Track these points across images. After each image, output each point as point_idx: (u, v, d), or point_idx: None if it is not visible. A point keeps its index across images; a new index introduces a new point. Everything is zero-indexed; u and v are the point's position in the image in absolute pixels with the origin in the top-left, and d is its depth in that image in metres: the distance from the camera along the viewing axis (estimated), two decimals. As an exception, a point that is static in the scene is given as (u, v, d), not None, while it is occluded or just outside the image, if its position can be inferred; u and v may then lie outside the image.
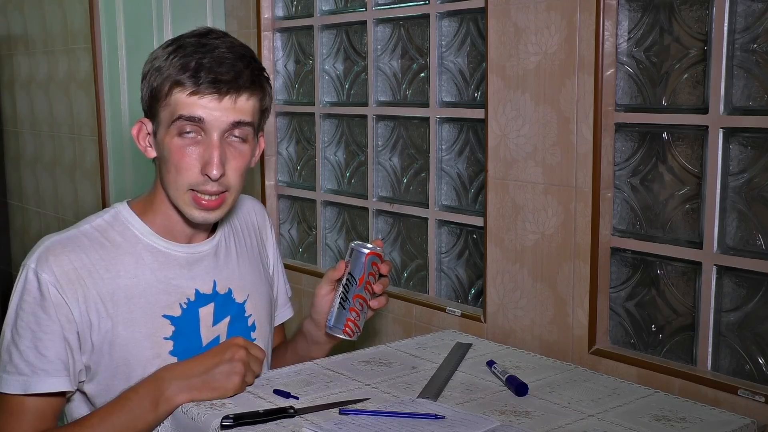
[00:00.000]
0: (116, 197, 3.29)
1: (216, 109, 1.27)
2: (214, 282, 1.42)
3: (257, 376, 1.34)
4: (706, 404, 1.33)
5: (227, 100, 1.27)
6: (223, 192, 1.31)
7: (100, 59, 3.34)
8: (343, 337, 1.44)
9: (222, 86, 1.26)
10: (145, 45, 3.08)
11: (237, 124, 1.29)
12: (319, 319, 1.48)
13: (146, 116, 1.34)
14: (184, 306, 1.38)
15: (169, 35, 2.95)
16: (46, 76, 3.80)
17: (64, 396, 1.33)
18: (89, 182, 3.53)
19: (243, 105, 1.29)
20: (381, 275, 1.48)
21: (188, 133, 1.28)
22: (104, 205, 3.32)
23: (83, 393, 1.35)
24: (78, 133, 3.60)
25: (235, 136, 1.30)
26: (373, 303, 1.46)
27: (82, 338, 1.30)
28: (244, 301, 1.46)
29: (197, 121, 1.27)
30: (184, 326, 1.37)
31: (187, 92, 1.26)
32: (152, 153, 1.35)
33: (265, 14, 2.41)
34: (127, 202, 1.42)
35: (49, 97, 3.79)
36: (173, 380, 1.27)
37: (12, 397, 1.28)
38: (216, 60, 1.27)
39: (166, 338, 1.35)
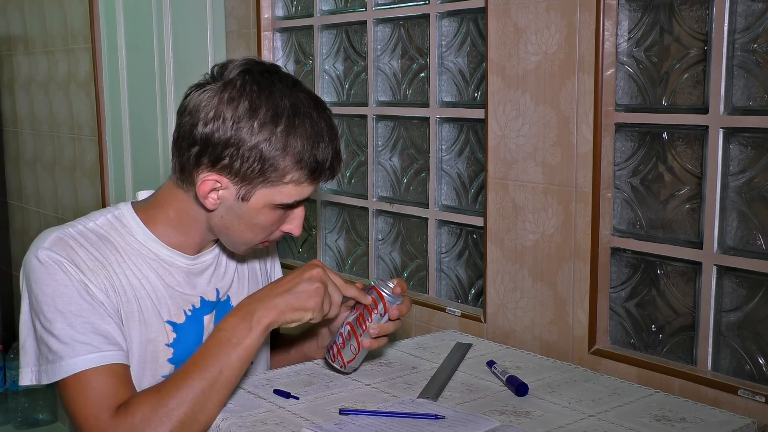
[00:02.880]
0: (116, 197, 3.29)
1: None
2: (217, 290, 1.42)
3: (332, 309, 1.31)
4: (706, 404, 1.33)
5: None
6: None
7: (100, 59, 3.34)
8: (328, 361, 1.39)
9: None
10: (145, 45, 3.08)
11: None
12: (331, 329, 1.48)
13: (213, 169, 1.24)
14: (189, 313, 1.37)
15: (169, 35, 2.95)
16: (46, 76, 3.80)
17: (125, 365, 1.27)
18: (89, 182, 3.53)
19: None
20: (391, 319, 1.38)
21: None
22: (104, 205, 3.32)
23: None
24: (78, 133, 3.60)
25: None
26: (364, 342, 1.36)
27: (114, 318, 1.27)
28: None
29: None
30: (187, 333, 1.36)
31: (307, 182, 1.26)
32: (214, 205, 1.28)
33: (265, 14, 2.41)
34: (132, 203, 1.38)
35: (49, 97, 3.79)
36: (258, 303, 1.26)
37: (77, 376, 1.22)
38: (336, 152, 1.28)
39: (167, 344, 1.34)
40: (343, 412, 1.23)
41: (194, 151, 1.24)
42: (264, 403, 1.28)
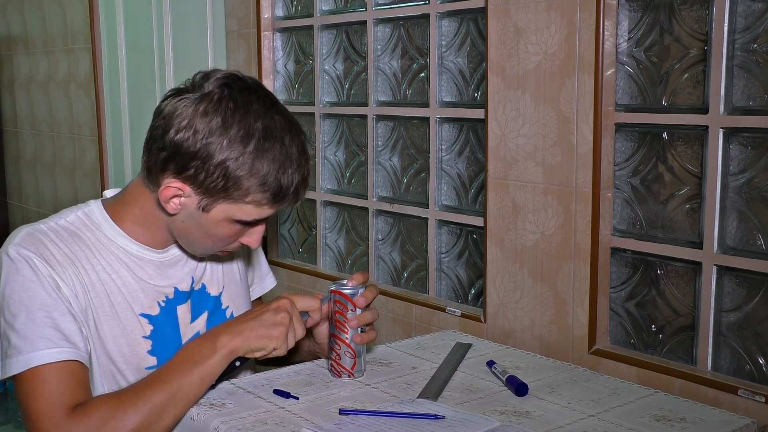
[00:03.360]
0: (116, 197, 3.29)
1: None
2: (192, 278, 1.42)
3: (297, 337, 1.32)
4: (706, 404, 1.33)
5: None
6: None
7: (100, 59, 3.35)
8: (339, 377, 1.40)
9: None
10: (145, 45, 3.09)
11: None
12: (320, 344, 1.49)
13: (178, 176, 1.25)
14: (163, 304, 1.38)
15: (169, 35, 2.95)
16: (46, 76, 3.80)
17: (83, 364, 1.27)
18: (89, 182, 3.53)
19: None
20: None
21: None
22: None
23: None
24: (78, 133, 3.60)
25: None
26: (354, 339, 1.36)
27: (81, 320, 1.28)
28: (220, 293, 1.46)
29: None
30: (163, 325, 1.37)
31: (268, 205, 1.27)
32: (175, 210, 1.29)
33: (265, 14, 2.41)
34: (101, 201, 1.40)
35: (49, 97, 3.79)
36: (226, 327, 1.28)
37: (31, 371, 1.23)
38: (303, 178, 1.28)
39: (144, 337, 1.35)
40: (342, 412, 1.23)
41: (162, 155, 1.25)
42: (264, 403, 1.28)
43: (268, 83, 2.43)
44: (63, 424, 1.19)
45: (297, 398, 1.29)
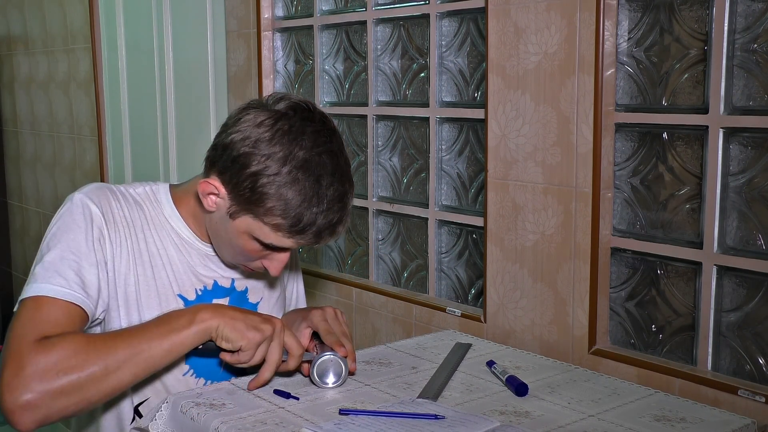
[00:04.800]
0: (116, 197, 3.29)
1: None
2: (233, 279, 1.45)
3: (277, 371, 1.32)
4: (706, 404, 1.33)
5: None
6: None
7: (100, 59, 3.35)
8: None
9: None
10: (145, 45, 3.09)
11: None
12: None
13: (219, 176, 1.29)
14: (200, 292, 1.42)
15: (169, 35, 2.95)
16: (46, 76, 3.80)
17: (87, 316, 1.30)
18: (89, 182, 3.52)
19: None
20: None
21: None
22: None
23: None
24: (78, 133, 3.60)
25: None
26: (341, 350, 1.36)
27: (110, 280, 1.33)
28: (258, 303, 1.50)
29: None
30: None
31: (286, 235, 1.28)
32: (210, 207, 1.33)
33: (265, 14, 2.41)
34: (169, 185, 1.46)
35: (49, 97, 3.79)
36: (212, 306, 1.30)
37: (38, 297, 1.26)
38: (330, 224, 1.27)
39: None
40: (342, 412, 1.23)
41: (214, 152, 1.31)
42: (264, 403, 1.28)
43: (268, 83, 2.43)
44: (27, 351, 1.20)
45: (297, 398, 1.29)
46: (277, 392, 1.31)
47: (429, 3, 1.96)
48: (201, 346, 1.29)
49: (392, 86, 2.12)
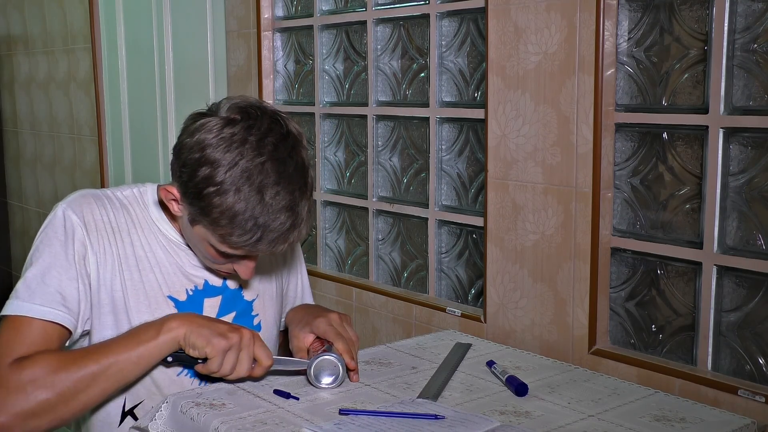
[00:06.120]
0: (116, 197, 3.29)
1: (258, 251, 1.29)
2: (224, 279, 1.44)
3: (241, 377, 1.32)
4: (706, 404, 1.33)
5: None
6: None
7: (100, 59, 3.34)
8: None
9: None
10: (145, 45, 3.08)
11: None
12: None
13: (175, 182, 1.29)
14: (191, 293, 1.41)
15: (169, 35, 2.95)
16: (46, 76, 3.80)
17: (68, 331, 1.32)
18: (89, 182, 3.53)
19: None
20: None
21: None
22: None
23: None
24: (78, 133, 3.60)
25: None
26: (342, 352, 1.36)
27: (93, 290, 1.34)
28: (253, 300, 1.48)
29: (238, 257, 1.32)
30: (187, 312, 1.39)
31: (236, 245, 1.26)
32: (176, 213, 1.32)
33: (265, 14, 2.41)
34: (158, 185, 1.43)
35: (49, 97, 3.79)
36: (180, 316, 1.31)
37: (16, 317, 1.29)
38: (280, 235, 1.24)
39: None
40: (342, 412, 1.23)
41: (173, 158, 1.30)
42: (264, 403, 1.28)
43: (268, 83, 2.43)
44: (3, 372, 1.24)
45: (297, 398, 1.29)
46: (277, 392, 1.31)
47: (429, 3, 1.96)
48: (170, 358, 1.30)
49: (392, 86, 2.12)
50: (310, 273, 2.33)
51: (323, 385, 1.33)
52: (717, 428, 1.21)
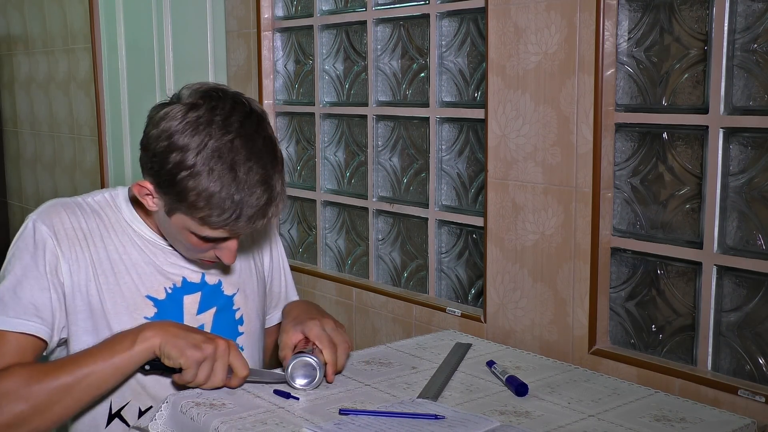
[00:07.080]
0: (116, 197, 3.29)
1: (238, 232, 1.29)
2: (203, 273, 1.44)
3: (216, 387, 1.31)
4: (706, 404, 1.33)
5: None
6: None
7: (100, 59, 3.35)
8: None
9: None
10: (145, 45, 3.09)
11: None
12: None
13: (147, 176, 1.29)
14: (169, 291, 1.40)
15: (169, 35, 2.95)
16: (46, 76, 3.80)
17: (44, 341, 1.32)
18: (89, 182, 3.53)
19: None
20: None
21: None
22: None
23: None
24: (78, 133, 3.60)
25: None
26: (321, 356, 1.34)
27: (67, 298, 1.33)
28: (233, 294, 1.47)
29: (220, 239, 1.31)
30: (167, 311, 1.39)
31: (216, 226, 1.26)
32: (152, 207, 1.32)
33: (265, 14, 2.41)
34: (129, 187, 1.43)
35: (49, 97, 3.79)
36: (156, 325, 1.30)
37: None
38: (258, 210, 1.24)
39: (147, 318, 1.37)
40: (342, 412, 1.23)
41: (141, 152, 1.29)
42: (264, 403, 1.28)
43: (268, 83, 2.43)
44: None
45: (297, 398, 1.29)
46: (277, 392, 1.31)
47: (429, 3, 1.96)
48: (147, 366, 1.29)
49: (392, 86, 2.12)
50: (311, 273, 2.34)
51: (297, 386, 1.32)
52: (717, 428, 1.21)
